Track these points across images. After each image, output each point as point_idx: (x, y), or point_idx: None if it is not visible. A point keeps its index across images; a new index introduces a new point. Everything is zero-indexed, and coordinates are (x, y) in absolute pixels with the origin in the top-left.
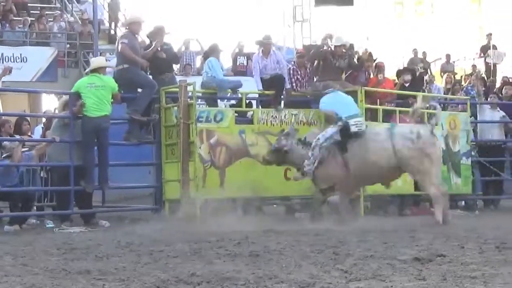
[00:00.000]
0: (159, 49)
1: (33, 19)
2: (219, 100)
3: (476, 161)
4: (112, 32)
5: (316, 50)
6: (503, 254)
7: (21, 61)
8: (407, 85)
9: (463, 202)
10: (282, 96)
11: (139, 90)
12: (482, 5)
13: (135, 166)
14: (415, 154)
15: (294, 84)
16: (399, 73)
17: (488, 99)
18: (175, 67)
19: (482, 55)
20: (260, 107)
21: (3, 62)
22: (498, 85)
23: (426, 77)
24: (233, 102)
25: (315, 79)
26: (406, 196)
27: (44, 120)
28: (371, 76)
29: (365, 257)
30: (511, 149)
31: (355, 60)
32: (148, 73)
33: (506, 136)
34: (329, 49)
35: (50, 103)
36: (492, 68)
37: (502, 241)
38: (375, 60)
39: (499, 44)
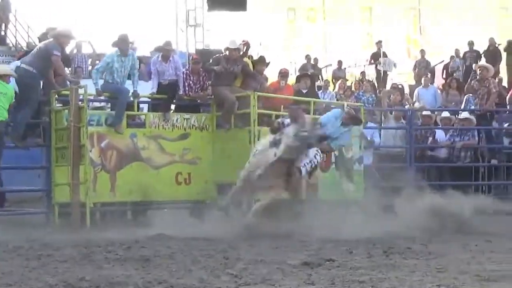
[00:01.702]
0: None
1: None
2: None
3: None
4: (2, 33)
5: (212, 60)
6: (390, 259)
7: None
8: (305, 91)
9: None
10: (172, 103)
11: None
12: (373, 13)
13: (24, 169)
14: None
15: (186, 89)
16: (299, 79)
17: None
18: (67, 70)
19: (372, 62)
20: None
21: None
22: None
23: (317, 83)
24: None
25: (207, 85)
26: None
27: None
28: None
29: (255, 261)
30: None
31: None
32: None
33: None
34: (223, 54)
35: None
36: (382, 75)
37: (390, 246)
38: (268, 64)
39: (388, 52)
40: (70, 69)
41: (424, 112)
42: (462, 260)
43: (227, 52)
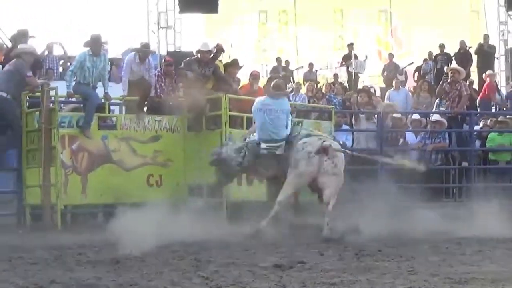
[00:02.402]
0: None
1: None
2: None
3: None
4: None
5: (183, 63)
6: (362, 261)
7: None
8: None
9: None
10: (145, 103)
11: None
12: (344, 15)
13: None
14: None
15: (158, 91)
16: (269, 81)
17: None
18: (38, 71)
19: (344, 64)
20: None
21: None
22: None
23: (289, 86)
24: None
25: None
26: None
27: None
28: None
29: (227, 264)
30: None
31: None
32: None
33: None
34: (195, 57)
35: None
36: (354, 77)
37: (361, 248)
38: (241, 67)
39: (359, 54)
40: (41, 71)
41: (395, 115)
42: (433, 263)
43: (198, 55)
